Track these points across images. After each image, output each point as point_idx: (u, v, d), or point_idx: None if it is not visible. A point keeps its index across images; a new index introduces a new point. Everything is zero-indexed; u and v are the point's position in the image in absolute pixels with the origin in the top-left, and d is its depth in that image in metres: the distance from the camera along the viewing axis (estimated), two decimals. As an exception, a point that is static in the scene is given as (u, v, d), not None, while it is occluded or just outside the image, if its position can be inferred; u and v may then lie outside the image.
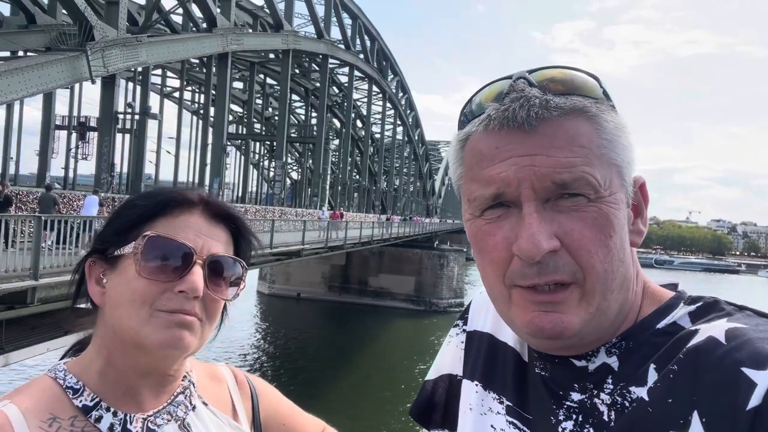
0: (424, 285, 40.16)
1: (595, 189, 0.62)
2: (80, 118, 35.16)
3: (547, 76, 0.65)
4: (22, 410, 0.75)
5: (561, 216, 0.62)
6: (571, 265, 0.62)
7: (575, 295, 0.63)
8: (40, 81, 15.66)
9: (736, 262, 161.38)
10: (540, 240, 0.61)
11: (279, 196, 35.81)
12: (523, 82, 0.65)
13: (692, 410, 0.57)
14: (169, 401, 0.86)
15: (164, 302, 0.78)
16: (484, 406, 0.78)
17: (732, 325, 0.60)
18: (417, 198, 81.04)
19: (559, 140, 0.62)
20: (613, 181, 0.64)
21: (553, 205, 0.63)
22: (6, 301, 8.24)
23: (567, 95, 0.64)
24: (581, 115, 0.63)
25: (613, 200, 0.64)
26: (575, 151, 0.62)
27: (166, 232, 0.81)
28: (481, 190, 0.65)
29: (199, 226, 0.83)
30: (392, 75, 57.09)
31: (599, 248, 0.62)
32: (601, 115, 0.64)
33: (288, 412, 1.04)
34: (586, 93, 0.65)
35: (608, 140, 0.64)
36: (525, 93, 0.64)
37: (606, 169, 0.63)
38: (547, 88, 0.64)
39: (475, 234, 0.68)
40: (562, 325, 0.63)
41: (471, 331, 0.87)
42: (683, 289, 0.72)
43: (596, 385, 0.66)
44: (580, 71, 0.67)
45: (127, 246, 0.81)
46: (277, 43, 32.24)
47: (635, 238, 0.68)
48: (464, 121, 0.70)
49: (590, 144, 0.63)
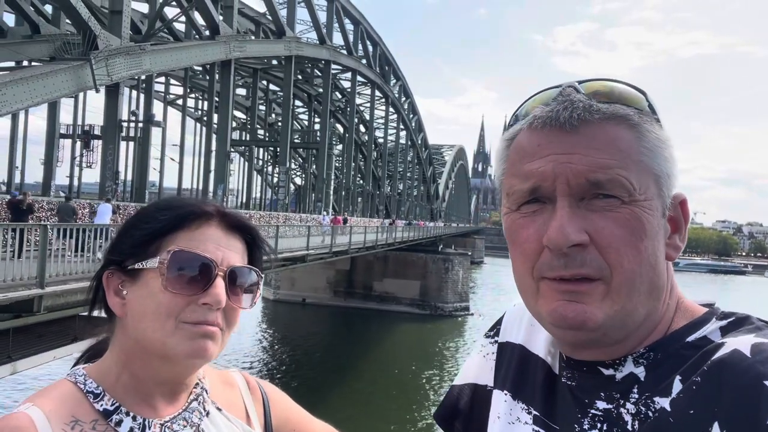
0: (429, 289, 40.11)
1: (630, 192, 0.64)
2: (84, 127, 35.28)
3: (594, 87, 0.69)
4: (45, 413, 0.76)
5: (593, 215, 0.65)
6: (598, 261, 0.64)
7: (600, 289, 0.65)
8: (45, 90, 15.76)
9: (742, 263, 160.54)
10: (568, 231, 0.63)
11: (283, 202, 35.88)
12: (571, 89, 0.69)
13: (713, 422, 0.58)
14: (184, 407, 0.88)
15: (189, 314, 0.81)
16: (512, 415, 0.79)
17: (759, 340, 0.61)
18: (421, 202, 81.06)
19: (598, 142, 0.65)
20: (649, 188, 0.66)
21: (588, 204, 0.65)
22: (13, 310, 8.26)
23: (611, 103, 0.67)
24: (623, 122, 0.66)
25: (648, 206, 0.65)
26: (613, 153, 0.65)
27: (187, 246, 0.83)
28: (520, 184, 0.68)
29: (217, 238, 0.86)
30: (394, 79, 57.23)
31: (629, 248, 0.64)
32: (643, 125, 0.67)
33: (299, 418, 1.06)
34: (630, 103, 0.68)
35: (648, 149, 0.66)
36: (571, 98, 0.67)
37: (643, 176, 0.65)
38: (594, 95, 0.67)
39: (510, 226, 0.71)
40: (584, 315, 0.64)
41: (503, 342, 0.88)
42: (718, 306, 0.72)
43: (623, 395, 0.67)
44: (627, 84, 0.70)
45: (149, 260, 0.83)
46: (280, 49, 32.37)
47: (671, 252, 0.70)
48: (512, 123, 0.74)
49: (629, 149, 0.65)
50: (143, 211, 0.90)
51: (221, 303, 0.82)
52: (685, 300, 0.73)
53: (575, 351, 0.72)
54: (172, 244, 0.83)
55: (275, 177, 43.39)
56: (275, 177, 43.39)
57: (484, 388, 0.88)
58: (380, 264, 39.78)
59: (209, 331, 0.82)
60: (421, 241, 42.57)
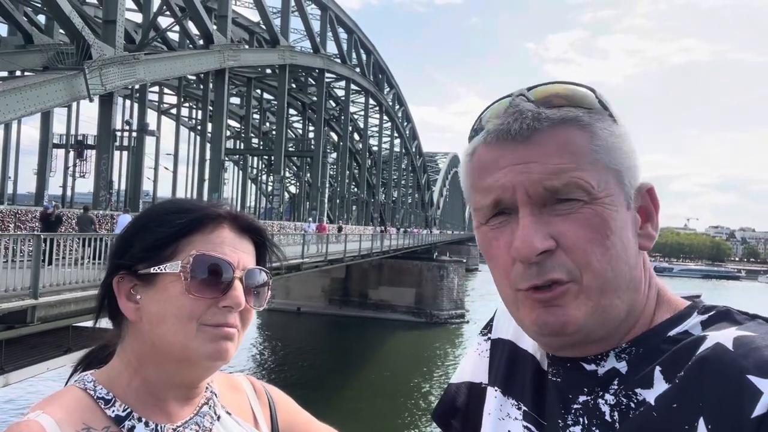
0: (424, 297, 40.05)
1: (589, 192, 0.65)
2: (78, 137, 35.22)
3: (542, 93, 0.69)
4: (56, 420, 0.75)
5: (557, 219, 0.65)
6: (567, 264, 0.65)
7: (573, 290, 0.65)
8: (38, 100, 15.72)
9: (735, 268, 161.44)
10: (533, 240, 0.64)
11: (278, 210, 35.83)
12: (521, 98, 0.69)
13: (698, 417, 0.58)
14: (195, 412, 0.88)
15: (209, 317, 0.82)
16: (503, 411, 0.79)
17: (741, 333, 0.61)
18: (416, 210, 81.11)
19: (550, 148, 0.66)
20: (609, 185, 0.67)
21: (550, 209, 0.66)
22: (6, 321, 8.18)
23: (560, 107, 0.68)
24: (573, 124, 0.67)
25: (610, 202, 0.66)
26: (566, 157, 0.65)
27: (205, 249, 0.83)
28: (483, 199, 0.69)
29: (231, 241, 0.86)
30: (388, 88, 57.45)
31: (595, 247, 0.65)
32: (595, 123, 0.68)
33: (304, 421, 1.06)
34: (580, 104, 0.68)
35: (602, 146, 0.67)
36: (519, 108, 0.68)
37: (601, 173, 0.66)
38: (542, 102, 0.68)
39: (482, 240, 0.72)
40: (564, 317, 0.66)
41: (495, 338, 0.89)
42: (701, 300, 0.73)
43: (603, 388, 0.68)
44: (577, 85, 0.71)
45: (167, 264, 0.82)
46: (274, 58, 32.45)
47: (644, 241, 0.70)
48: (471, 137, 0.74)
49: (582, 150, 0.66)
50: (150, 215, 0.88)
51: (241, 305, 0.83)
52: (667, 293, 0.73)
53: (558, 350, 0.73)
54: (188, 247, 0.83)
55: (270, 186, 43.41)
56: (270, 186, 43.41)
57: (479, 385, 0.89)
58: (375, 272, 39.71)
59: (229, 333, 0.83)
60: (416, 248, 42.57)
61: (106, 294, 0.87)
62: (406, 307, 39.79)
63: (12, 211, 15.29)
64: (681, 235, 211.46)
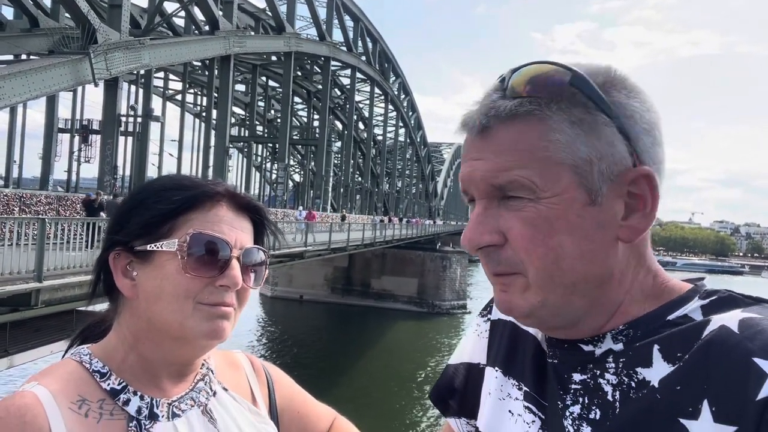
0: (426, 287, 40.13)
1: (532, 191, 0.64)
2: (83, 121, 35.23)
3: (516, 78, 0.67)
4: (51, 392, 0.76)
5: (508, 214, 0.66)
6: (512, 258, 0.66)
7: (520, 282, 0.67)
8: (44, 84, 15.71)
9: (739, 263, 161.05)
10: (474, 235, 0.67)
11: (281, 199, 35.83)
12: (498, 86, 0.68)
13: (702, 399, 0.57)
14: (190, 388, 0.88)
15: (206, 296, 0.81)
16: (503, 391, 0.79)
17: (746, 315, 0.60)
18: (419, 200, 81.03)
19: (500, 145, 0.66)
20: (560, 182, 0.64)
21: (503, 204, 0.66)
22: (10, 303, 8.24)
23: (521, 98, 0.65)
24: (524, 119, 0.65)
25: (557, 202, 0.64)
26: (513, 154, 0.65)
27: (203, 228, 0.82)
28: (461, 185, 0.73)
29: (229, 219, 0.85)
30: (394, 77, 57.17)
31: (537, 246, 0.64)
32: (554, 116, 0.64)
33: (302, 400, 1.07)
34: (542, 92, 0.65)
35: (558, 140, 0.64)
36: (484, 100, 0.68)
37: (550, 171, 0.64)
38: (512, 89, 0.66)
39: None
40: (509, 304, 0.68)
41: (495, 319, 0.88)
42: (703, 284, 0.71)
43: (600, 367, 0.67)
44: (557, 65, 0.67)
45: (164, 241, 0.81)
46: (280, 45, 32.30)
47: (627, 233, 0.66)
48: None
49: (532, 147, 0.64)
50: (148, 190, 0.87)
51: (238, 285, 0.83)
52: (667, 279, 0.71)
53: (548, 332, 0.73)
54: (186, 224, 0.82)
55: (274, 173, 43.38)
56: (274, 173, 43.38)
57: (477, 366, 0.88)
58: (378, 261, 39.78)
59: (226, 312, 0.82)
60: (419, 239, 42.59)
61: (101, 270, 0.86)
62: (408, 296, 39.89)
63: (17, 195, 15.34)
64: (685, 229, 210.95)
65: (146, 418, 0.80)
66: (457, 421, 0.93)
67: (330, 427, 1.08)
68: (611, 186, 0.65)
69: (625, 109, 0.66)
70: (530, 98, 0.65)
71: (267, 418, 0.96)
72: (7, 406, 0.72)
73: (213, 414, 0.87)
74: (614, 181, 0.65)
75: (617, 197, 0.65)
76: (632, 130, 0.66)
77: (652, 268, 0.70)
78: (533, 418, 0.73)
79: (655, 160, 0.67)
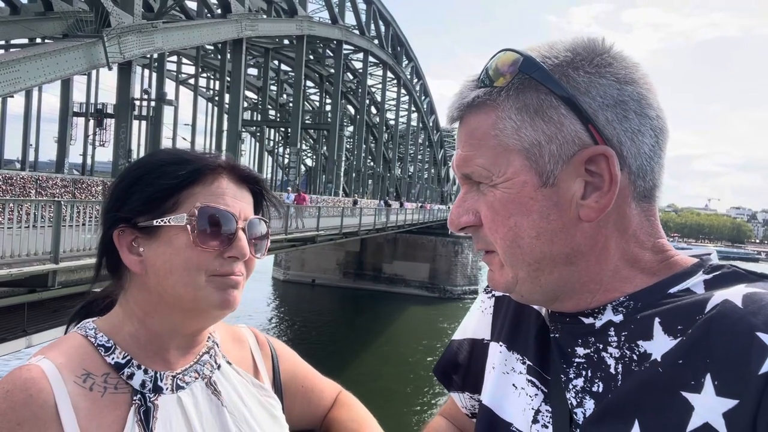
0: (438, 272, 40.15)
1: (488, 177, 0.69)
2: (97, 105, 35.45)
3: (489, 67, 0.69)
4: (57, 365, 0.77)
5: (479, 198, 0.71)
6: (486, 239, 0.72)
7: (497, 260, 0.72)
8: (58, 68, 15.78)
9: (755, 250, 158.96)
10: (453, 216, 0.73)
11: (294, 183, 35.92)
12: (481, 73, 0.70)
13: (705, 373, 0.57)
14: (195, 360, 0.89)
15: (217, 267, 0.83)
16: (507, 365, 0.80)
17: (750, 290, 0.60)
18: (431, 185, 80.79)
19: (465, 136, 0.71)
20: (510, 167, 0.67)
21: (478, 188, 0.72)
22: (28, 285, 8.39)
23: (480, 88, 0.69)
24: (482, 109, 0.69)
25: (510, 186, 0.67)
26: (472, 145, 0.70)
27: (208, 201, 0.83)
28: None
29: (232, 191, 0.86)
30: (406, 60, 56.67)
31: (499, 227, 0.69)
32: (503, 103, 0.67)
33: (306, 374, 1.07)
34: (494, 82, 0.68)
35: (507, 127, 0.67)
36: (459, 91, 0.72)
37: (500, 157, 0.67)
38: (484, 78, 0.69)
39: None
40: (492, 281, 0.75)
41: (500, 295, 0.89)
42: (709, 258, 0.71)
43: (601, 340, 0.68)
44: (515, 51, 0.68)
45: (171, 216, 0.82)
46: (292, 28, 32.12)
47: (585, 212, 0.66)
48: None
49: (484, 136, 0.68)
50: (148, 165, 0.86)
51: (246, 255, 0.85)
52: (673, 253, 0.70)
53: (544, 305, 0.76)
54: (190, 198, 0.83)
55: (286, 158, 43.40)
56: (286, 158, 43.40)
57: (481, 341, 0.90)
58: (390, 246, 39.82)
59: (236, 281, 0.84)
60: (431, 224, 42.55)
61: (106, 248, 0.86)
62: (419, 281, 39.95)
63: (33, 178, 15.53)
64: (701, 215, 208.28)
65: (150, 391, 0.81)
66: (460, 395, 0.94)
67: (334, 400, 1.09)
68: (566, 167, 0.65)
69: (582, 87, 0.65)
70: (489, 88, 0.68)
71: (271, 392, 0.97)
72: (13, 379, 0.74)
73: (217, 386, 0.88)
74: (568, 161, 0.65)
75: (575, 177, 0.66)
76: (588, 107, 0.64)
77: (647, 243, 0.69)
78: (536, 392, 0.74)
79: (625, 134, 0.65)
